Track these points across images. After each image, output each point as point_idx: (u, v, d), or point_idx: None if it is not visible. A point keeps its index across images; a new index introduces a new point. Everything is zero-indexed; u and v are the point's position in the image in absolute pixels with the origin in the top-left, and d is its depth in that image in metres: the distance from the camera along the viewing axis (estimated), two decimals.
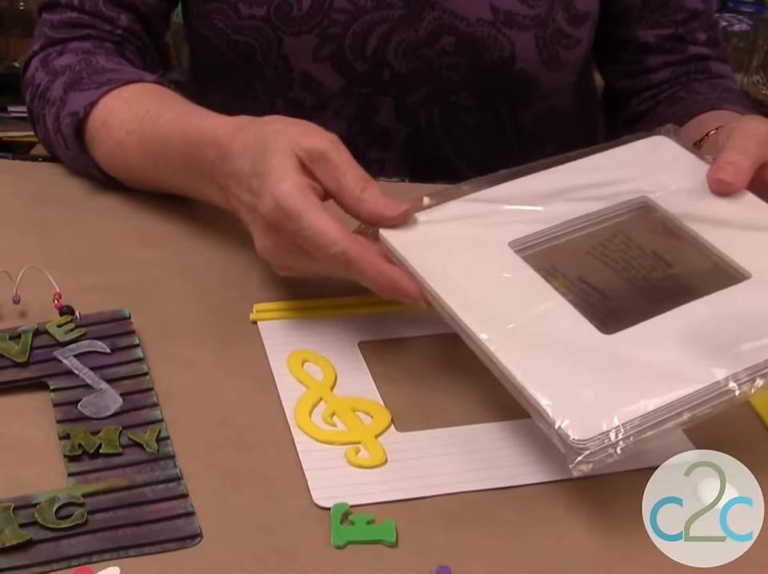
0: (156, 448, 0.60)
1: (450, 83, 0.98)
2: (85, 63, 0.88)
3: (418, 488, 0.58)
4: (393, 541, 0.55)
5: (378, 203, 0.66)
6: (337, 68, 0.96)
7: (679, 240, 0.67)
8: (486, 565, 0.54)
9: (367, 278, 0.64)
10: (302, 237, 0.64)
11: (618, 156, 0.73)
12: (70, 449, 0.59)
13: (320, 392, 0.65)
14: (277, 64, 0.97)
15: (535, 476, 0.60)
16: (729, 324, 0.59)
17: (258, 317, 0.72)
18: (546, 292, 0.63)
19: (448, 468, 0.60)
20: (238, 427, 0.62)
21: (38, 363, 0.66)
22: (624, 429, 0.54)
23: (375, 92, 0.98)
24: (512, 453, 0.61)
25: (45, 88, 0.89)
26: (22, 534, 0.54)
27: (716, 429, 0.62)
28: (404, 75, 0.97)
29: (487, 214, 0.68)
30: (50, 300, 0.70)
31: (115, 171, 0.85)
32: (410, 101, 0.99)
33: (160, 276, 0.76)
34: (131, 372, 0.65)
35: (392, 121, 1.00)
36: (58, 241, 0.80)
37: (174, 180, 0.81)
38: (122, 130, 0.82)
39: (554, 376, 0.57)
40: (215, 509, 0.56)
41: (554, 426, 0.54)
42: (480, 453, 0.61)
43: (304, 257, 0.66)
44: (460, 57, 0.96)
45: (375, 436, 0.62)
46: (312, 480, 0.58)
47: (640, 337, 0.59)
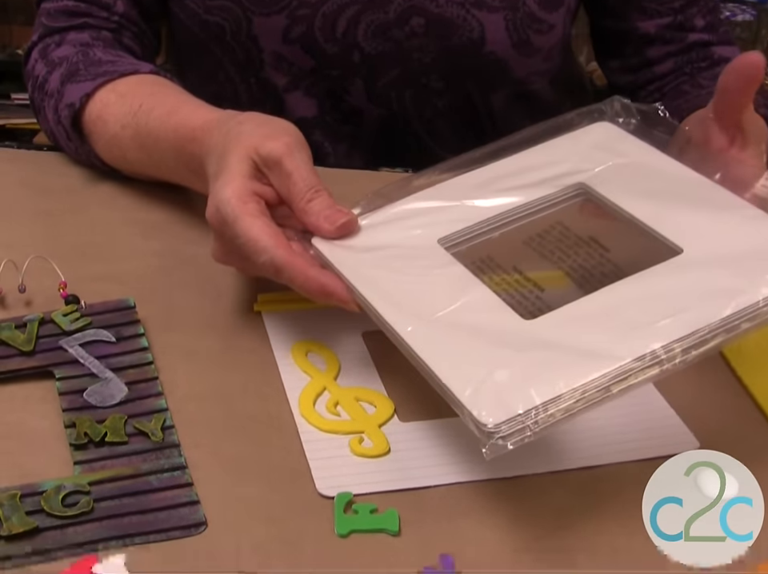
0: (161, 436, 0.60)
1: (420, 65, 0.98)
2: (82, 55, 0.89)
3: (421, 478, 0.59)
4: (396, 530, 0.55)
5: (320, 216, 0.66)
6: (306, 49, 0.96)
7: (615, 221, 0.67)
8: (488, 554, 0.54)
9: (298, 285, 0.64)
10: (237, 244, 0.65)
11: (557, 145, 0.72)
12: (76, 438, 0.60)
13: (324, 383, 0.65)
14: (247, 45, 0.97)
15: (537, 466, 0.60)
16: (651, 300, 0.59)
17: (262, 308, 0.72)
18: (472, 285, 0.62)
19: (451, 457, 0.60)
20: (243, 416, 0.63)
21: (43, 352, 0.66)
22: (540, 410, 0.53)
23: (345, 74, 0.98)
24: None
25: (43, 80, 0.89)
26: (28, 522, 0.54)
27: (717, 422, 0.63)
28: (374, 57, 0.97)
29: (420, 215, 0.68)
30: (56, 290, 0.71)
31: (115, 162, 0.86)
32: (380, 83, 0.99)
33: (165, 265, 0.77)
34: (136, 361, 0.66)
35: (363, 102, 1.00)
36: (63, 231, 0.80)
37: (169, 173, 0.82)
38: (117, 124, 0.83)
39: (469, 362, 0.57)
40: (220, 498, 0.57)
41: (465, 411, 0.54)
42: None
43: (248, 261, 0.66)
44: (429, 38, 0.96)
45: (378, 425, 0.62)
46: (316, 469, 0.59)
47: (561, 320, 0.59)
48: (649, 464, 0.59)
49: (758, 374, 0.68)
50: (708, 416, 0.59)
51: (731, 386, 0.68)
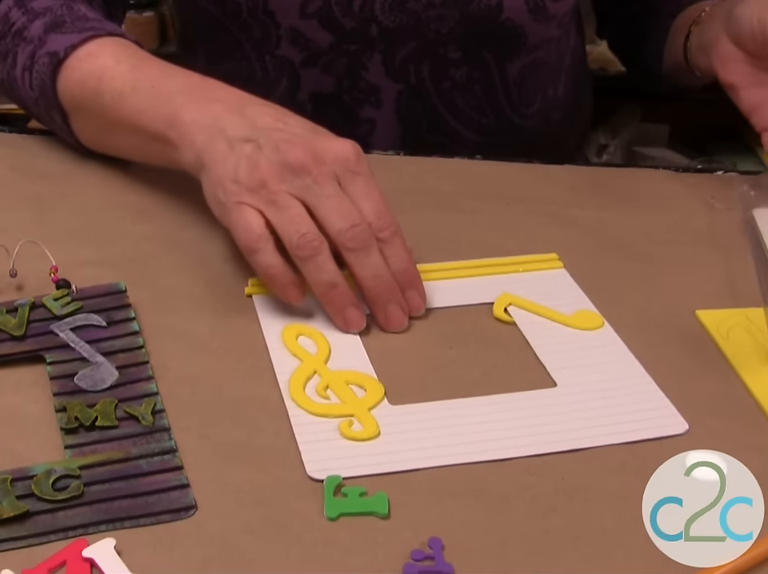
0: (151, 420, 0.60)
1: (438, 36, 0.98)
2: (66, 8, 0.87)
3: (410, 461, 0.59)
4: (385, 513, 0.55)
5: None
6: (324, 24, 0.96)
7: None
8: (477, 537, 0.55)
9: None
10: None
11: None
12: (67, 422, 0.60)
13: (314, 366, 0.66)
14: (264, 21, 0.97)
15: (527, 448, 0.60)
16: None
17: (253, 291, 0.72)
18: None
19: (440, 440, 0.60)
20: (233, 400, 0.63)
21: (34, 336, 0.66)
22: None
23: (364, 48, 0.98)
24: (504, 426, 0.62)
25: (22, 27, 0.87)
26: (19, 506, 0.54)
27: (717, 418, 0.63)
28: (392, 30, 0.97)
29: None
30: (47, 274, 0.71)
31: (82, 104, 0.82)
32: (398, 56, 0.99)
33: (155, 249, 0.77)
34: (127, 345, 0.66)
35: (381, 78, 1.00)
36: (54, 215, 0.80)
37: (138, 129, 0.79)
38: (111, 59, 0.81)
39: None
40: (210, 481, 0.57)
41: None
42: (472, 426, 0.62)
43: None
44: (447, 8, 0.96)
45: (368, 409, 0.62)
46: (305, 452, 0.59)
47: None
48: (638, 447, 0.60)
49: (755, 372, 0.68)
50: (708, 413, 0.59)
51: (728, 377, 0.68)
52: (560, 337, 0.70)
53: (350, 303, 0.68)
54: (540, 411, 0.63)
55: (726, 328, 0.71)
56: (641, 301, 0.74)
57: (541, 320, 0.71)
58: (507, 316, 0.71)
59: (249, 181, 0.68)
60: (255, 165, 0.69)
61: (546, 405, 0.63)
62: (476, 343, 0.69)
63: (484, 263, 0.77)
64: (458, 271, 0.76)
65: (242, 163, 0.69)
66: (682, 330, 0.71)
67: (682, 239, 0.82)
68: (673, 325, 0.72)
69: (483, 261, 0.77)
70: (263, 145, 0.69)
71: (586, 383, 0.65)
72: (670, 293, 0.74)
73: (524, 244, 0.79)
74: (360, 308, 0.69)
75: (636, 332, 0.70)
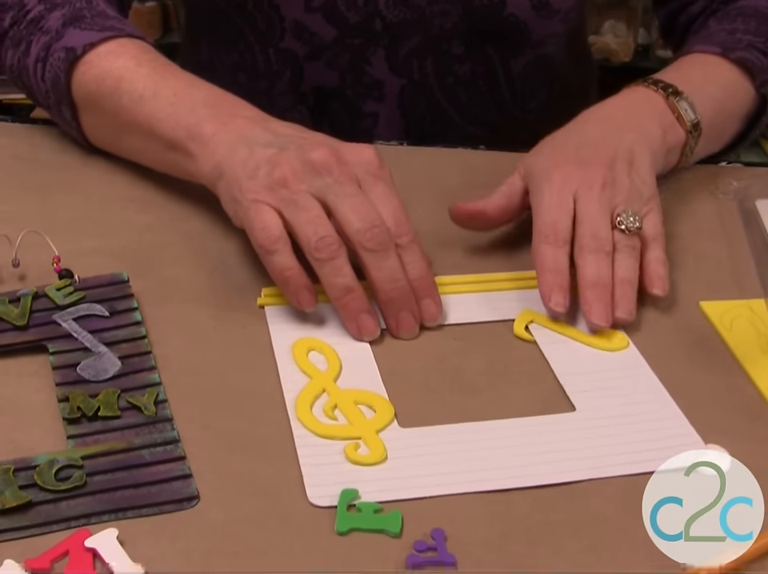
0: (154, 410, 0.60)
1: (442, 31, 0.98)
2: (86, 1, 0.86)
3: (416, 489, 0.56)
4: (397, 532, 0.53)
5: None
6: (329, 18, 0.96)
7: None
8: (479, 528, 0.54)
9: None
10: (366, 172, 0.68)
11: None
12: (69, 412, 0.60)
13: (323, 384, 0.63)
14: (268, 13, 0.97)
15: (540, 478, 0.58)
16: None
17: (265, 302, 0.71)
18: None
19: (449, 467, 0.58)
20: (235, 390, 0.63)
21: (37, 326, 0.66)
22: None
23: (367, 43, 0.98)
24: (516, 453, 0.59)
25: (39, 15, 0.86)
26: (21, 496, 0.54)
27: (719, 408, 0.63)
28: (395, 25, 0.97)
29: None
30: (49, 264, 0.71)
31: (96, 101, 0.82)
32: (402, 51, 0.99)
33: (158, 240, 0.77)
34: (129, 335, 0.66)
35: (385, 73, 1.00)
36: (56, 205, 0.80)
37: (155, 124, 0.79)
38: (131, 61, 0.80)
39: None
40: (212, 472, 0.57)
41: None
42: (483, 453, 0.59)
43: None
44: (450, 4, 0.96)
45: (377, 431, 0.60)
46: (308, 476, 0.57)
47: None
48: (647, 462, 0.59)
49: (758, 363, 0.67)
50: (711, 412, 0.59)
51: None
52: (582, 358, 0.67)
53: (365, 309, 0.67)
54: (556, 436, 0.61)
55: (730, 319, 0.71)
56: (644, 292, 0.73)
57: (563, 339, 0.69)
58: (528, 334, 0.69)
59: (268, 179, 0.68)
60: (276, 164, 0.68)
61: (563, 430, 0.61)
62: (494, 363, 0.67)
63: (504, 277, 0.75)
64: (477, 285, 0.74)
65: (263, 163, 0.69)
66: (686, 321, 0.71)
67: (686, 230, 0.82)
68: (676, 316, 0.72)
69: (503, 275, 0.75)
70: (286, 148, 0.69)
71: (606, 408, 0.63)
72: (674, 284, 0.74)
73: (528, 235, 0.78)
74: (374, 315, 0.68)
75: (640, 322, 0.70)
